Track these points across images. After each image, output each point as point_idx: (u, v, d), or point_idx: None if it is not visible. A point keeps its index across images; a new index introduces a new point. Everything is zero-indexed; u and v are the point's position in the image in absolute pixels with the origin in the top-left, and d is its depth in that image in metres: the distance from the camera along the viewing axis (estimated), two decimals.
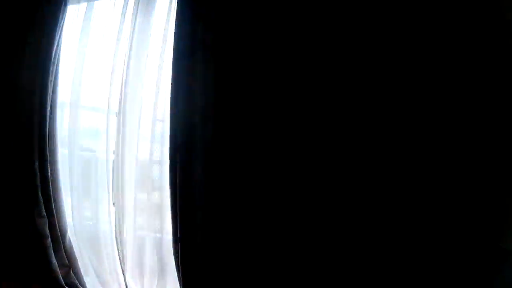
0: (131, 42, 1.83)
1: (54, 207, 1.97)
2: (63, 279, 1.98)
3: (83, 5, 1.96)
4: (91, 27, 1.94)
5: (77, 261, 2.03)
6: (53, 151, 1.97)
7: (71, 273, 2.02)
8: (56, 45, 1.92)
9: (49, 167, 1.94)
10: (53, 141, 1.96)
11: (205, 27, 1.65)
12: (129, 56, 1.83)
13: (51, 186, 1.95)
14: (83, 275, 2.02)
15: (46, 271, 1.96)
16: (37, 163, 1.92)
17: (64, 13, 1.93)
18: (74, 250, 2.03)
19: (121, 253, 1.92)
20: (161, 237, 1.82)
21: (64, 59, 1.98)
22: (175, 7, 1.71)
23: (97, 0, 1.94)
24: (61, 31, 1.94)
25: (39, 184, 1.93)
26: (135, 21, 1.84)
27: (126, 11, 1.87)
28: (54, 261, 1.97)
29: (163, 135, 1.78)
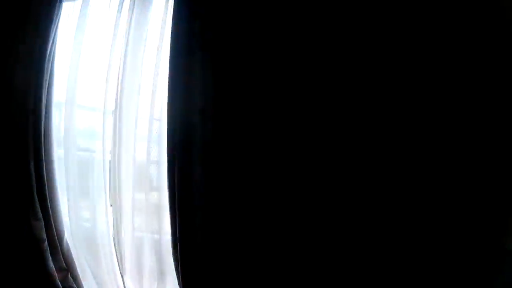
0: (127, 39, 1.80)
1: (50, 209, 1.94)
2: (61, 283, 1.95)
3: (79, 2, 1.92)
4: (86, 24, 1.91)
5: (75, 265, 2.01)
6: (48, 151, 1.93)
7: (69, 276, 2.00)
8: (51, 42, 1.88)
9: (45, 168, 1.91)
10: (48, 141, 1.93)
11: (202, 24, 1.62)
12: (125, 53, 1.80)
13: (47, 187, 1.92)
14: (81, 279, 1.99)
15: (43, 275, 1.93)
16: (32, 164, 1.89)
17: (59, 10, 1.90)
18: (71, 253, 2.00)
19: (119, 255, 1.90)
20: (160, 238, 1.80)
21: (59, 57, 1.95)
22: (172, 4, 1.68)
23: None
24: (56, 28, 1.91)
25: (35, 185, 1.89)
26: (132, 18, 1.81)
27: (122, 7, 1.83)
28: (51, 265, 1.95)
29: (160, 134, 1.75)
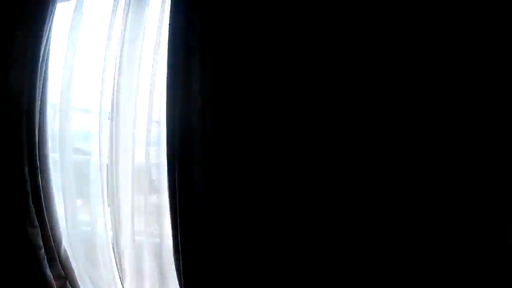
0: (123, 38, 1.75)
1: (46, 215, 1.90)
2: None
3: (73, 1, 1.88)
4: (81, 23, 1.87)
5: (73, 272, 1.97)
6: (43, 155, 1.90)
7: (68, 285, 1.96)
8: (44, 42, 1.84)
9: (40, 172, 1.88)
10: (43, 144, 1.90)
11: (201, 19, 1.58)
12: (122, 53, 1.76)
13: (42, 193, 1.88)
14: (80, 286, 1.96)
15: (40, 284, 1.90)
16: (27, 169, 1.85)
17: (53, 9, 1.86)
18: (70, 260, 1.97)
19: (118, 260, 1.87)
20: (160, 241, 1.77)
21: (54, 57, 1.91)
22: (169, 1, 1.63)
23: None
24: (50, 28, 1.87)
25: (30, 190, 1.85)
26: (128, 16, 1.76)
27: (118, 5, 1.79)
28: (48, 272, 1.91)
29: (159, 136, 1.71)
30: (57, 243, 1.94)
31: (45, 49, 1.86)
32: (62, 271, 1.95)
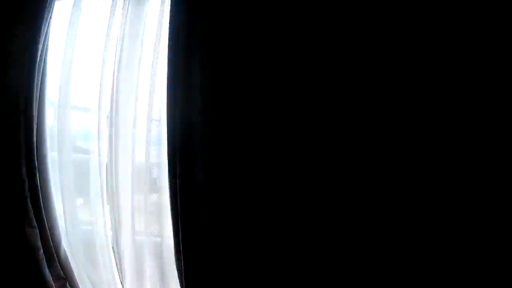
0: (123, 35, 1.73)
1: (45, 215, 1.87)
2: None
3: None
4: (80, 20, 1.84)
5: (73, 273, 1.95)
6: (42, 155, 1.87)
7: (67, 285, 1.94)
8: (43, 40, 1.81)
9: (39, 172, 1.85)
10: (41, 144, 1.87)
11: (202, 17, 1.57)
12: (121, 48, 1.73)
13: (41, 193, 1.85)
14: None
15: (39, 286, 1.88)
16: (25, 169, 1.82)
17: (51, 7, 1.83)
18: (69, 261, 1.95)
19: (118, 260, 1.85)
20: (161, 241, 1.76)
21: (52, 55, 1.88)
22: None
23: None
24: (49, 25, 1.84)
25: (28, 191, 1.82)
26: (127, 13, 1.74)
27: (117, 2, 1.77)
28: (48, 274, 1.89)
29: (160, 135, 1.69)
30: (56, 244, 1.92)
31: (43, 47, 1.83)
32: (61, 272, 1.93)
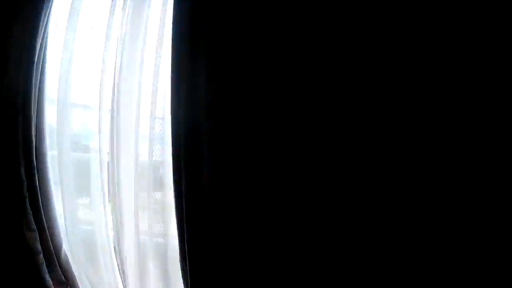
0: (124, 29, 1.69)
1: (45, 217, 1.84)
2: None
3: None
4: (79, 15, 1.81)
5: (75, 277, 1.92)
6: (41, 154, 1.84)
7: None
8: (41, 36, 1.79)
9: (38, 171, 1.82)
10: (41, 143, 1.84)
11: (206, 16, 1.54)
12: (123, 42, 1.69)
13: (40, 193, 1.82)
14: None
15: None
16: (24, 169, 1.79)
17: (50, 4, 1.81)
18: (70, 264, 1.92)
19: (119, 259, 1.81)
20: (165, 242, 1.74)
21: (51, 52, 1.86)
22: None
23: None
24: (47, 21, 1.81)
25: (27, 192, 1.79)
26: (128, 8, 1.70)
27: None
28: (48, 278, 1.87)
29: (163, 133, 1.67)
30: (57, 247, 1.89)
31: (42, 46, 1.81)
32: (62, 276, 1.91)
